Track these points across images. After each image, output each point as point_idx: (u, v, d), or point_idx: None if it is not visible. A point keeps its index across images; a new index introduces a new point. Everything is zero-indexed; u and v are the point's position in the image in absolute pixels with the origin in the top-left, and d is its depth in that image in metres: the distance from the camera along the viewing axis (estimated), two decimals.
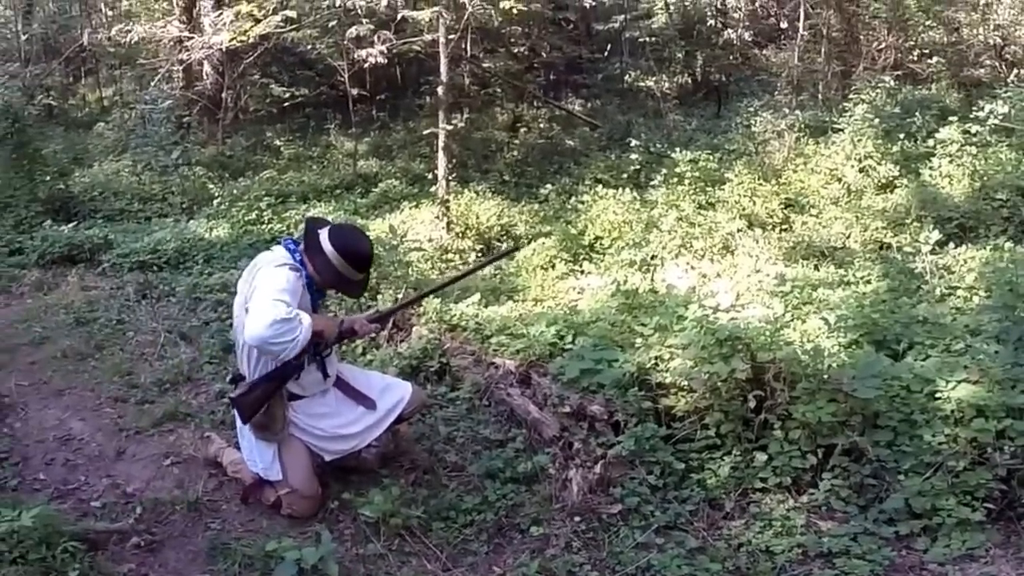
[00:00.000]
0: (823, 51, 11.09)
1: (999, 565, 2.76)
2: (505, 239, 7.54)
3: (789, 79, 10.95)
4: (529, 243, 6.22)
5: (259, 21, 8.69)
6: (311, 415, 3.21)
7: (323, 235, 3.10)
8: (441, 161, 7.56)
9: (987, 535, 2.90)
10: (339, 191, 9.13)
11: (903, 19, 11.48)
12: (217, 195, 7.74)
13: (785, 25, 12.85)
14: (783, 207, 7.34)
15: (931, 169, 7.35)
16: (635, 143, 9.44)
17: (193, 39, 9.91)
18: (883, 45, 11.66)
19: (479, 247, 7.30)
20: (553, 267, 6.55)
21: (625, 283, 4.98)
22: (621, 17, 13.75)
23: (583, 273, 6.45)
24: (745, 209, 7.16)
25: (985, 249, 5.71)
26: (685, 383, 3.56)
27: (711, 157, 8.19)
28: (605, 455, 3.36)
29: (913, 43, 11.80)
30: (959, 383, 3.22)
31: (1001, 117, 7.67)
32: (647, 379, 3.69)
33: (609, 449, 3.38)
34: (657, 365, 3.73)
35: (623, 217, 7.16)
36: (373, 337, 4.29)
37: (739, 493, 3.26)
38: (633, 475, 3.30)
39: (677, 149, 8.39)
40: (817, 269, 5.88)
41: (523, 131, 11.82)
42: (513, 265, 6.63)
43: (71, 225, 6.92)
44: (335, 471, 3.34)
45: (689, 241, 6.56)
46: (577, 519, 3.13)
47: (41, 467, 3.48)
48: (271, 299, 2.86)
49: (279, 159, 10.55)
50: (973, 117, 7.61)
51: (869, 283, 5.28)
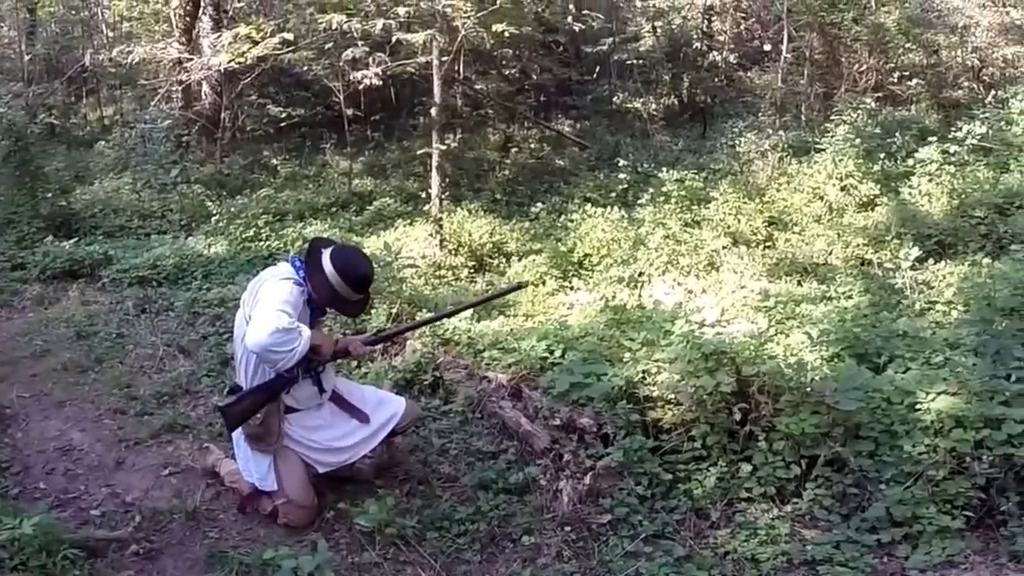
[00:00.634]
0: (806, 73, 11.27)
1: (978, 571, 2.80)
2: (497, 256, 7.60)
3: (773, 100, 11.11)
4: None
5: (257, 43, 8.80)
6: (306, 427, 3.26)
7: (325, 255, 3.15)
8: (434, 180, 7.64)
9: (967, 542, 2.93)
10: (334, 209, 9.18)
11: (884, 42, 11.64)
12: (215, 212, 7.76)
13: (769, 48, 13.02)
14: (767, 225, 7.45)
15: (911, 188, 7.45)
16: (623, 163, 9.62)
17: (192, 60, 10.02)
18: (864, 67, 11.83)
19: (471, 264, 7.38)
20: (543, 283, 6.63)
21: (613, 299, 5.06)
22: (609, 40, 13.93)
23: (573, 289, 6.53)
24: (730, 227, 7.27)
25: (963, 265, 5.81)
26: (672, 396, 3.62)
27: (697, 176, 8.33)
28: (595, 466, 3.41)
29: (893, 65, 11.95)
30: (938, 395, 3.27)
31: (979, 137, 7.82)
32: (635, 392, 3.75)
33: (598, 461, 3.43)
34: (645, 379, 3.79)
35: (611, 235, 7.27)
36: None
37: (725, 503, 3.31)
38: (622, 486, 3.35)
39: (664, 169, 8.53)
40: (800, 285, 5.96)
41: (514, 151, 11.97)
42: (505, 281, 6.69)
43: (72, 241, 6.91)
44: (331, 481, 3.38)
45: (675, 258, 6.66)
46: (567, 529, 3.18)
47: (42, 476, 3.51)
48: (274, 309, 2.93)
49: (276, 178, 10.60)
50: (952, 137, 7.72)
51: (851, 298, 5.36)
